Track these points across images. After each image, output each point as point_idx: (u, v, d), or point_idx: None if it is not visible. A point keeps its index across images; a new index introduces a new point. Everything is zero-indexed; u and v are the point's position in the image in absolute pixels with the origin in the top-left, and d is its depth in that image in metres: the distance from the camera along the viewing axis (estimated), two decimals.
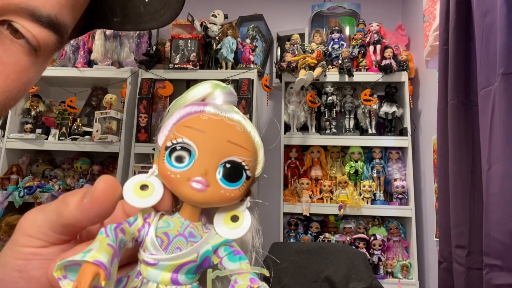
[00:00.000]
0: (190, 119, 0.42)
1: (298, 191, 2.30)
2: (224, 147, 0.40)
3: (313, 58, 2.26)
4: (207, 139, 0.40)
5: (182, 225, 0.40)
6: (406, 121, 2.27)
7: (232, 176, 0.40)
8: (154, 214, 0.40)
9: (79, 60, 2.50)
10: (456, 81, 1.30)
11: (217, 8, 2.56)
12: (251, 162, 0.41)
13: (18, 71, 0.39)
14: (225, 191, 0.39)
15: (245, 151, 0.41)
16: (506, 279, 0.97)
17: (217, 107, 0.43)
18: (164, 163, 0.40)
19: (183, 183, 0.38)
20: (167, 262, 0.38)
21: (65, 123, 2.46)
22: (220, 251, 0.40)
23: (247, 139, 0.42)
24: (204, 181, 0.38)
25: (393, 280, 2.09)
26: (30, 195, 2.25)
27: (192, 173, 0.38)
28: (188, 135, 0.40)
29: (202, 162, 0.39)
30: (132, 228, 0.39)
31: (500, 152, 1.01)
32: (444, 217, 1.35)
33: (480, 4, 1.15)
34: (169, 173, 0.39)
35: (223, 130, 0.41)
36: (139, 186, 0.40)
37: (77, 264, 0.33)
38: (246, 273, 0.37)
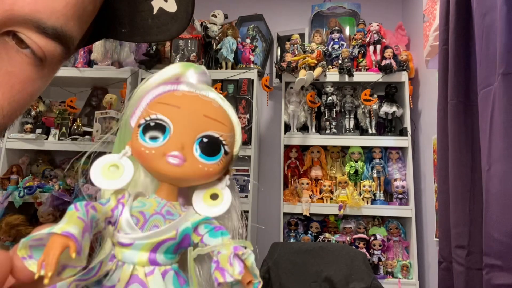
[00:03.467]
0: (164, 96, 0.40)
1: (298, 191, 2.30)
2: (201, 121, 0.38)
3: (313, 58, 2.26)
4: (182, 114, 0.38)
5: (159, 205, 0.37)
6: (406, 121, 2.27)
7: (210, 150, 0.38)
8: (128, 195, 0.38)
9: (79, 60, 2.50)
10: (456, 81, 1.30)
11: (217, 8, 2.56)
12: (229, 137, 0.39)
13: (24, 82, 0.38)
14: (203, 166, 0.37)
15: (223, 126, 0.39)
16: (506, 279, 0.97)
17: (192, 86, 0.41)
18: (138, 140, 0.38)
19: (159, 159, 0.36)
20: (144, 241, 0.35)
21: (65, 123, 2.46)
22: (200, 229, 0.38)
23: (224, 115, 0.40)
24: (181, 156, 0.36)
25: (393, 280, 2.09)
26: (30, 195, 2.25)
27: (168, 148, 0.36)
28: (162, 111, 0.38)
29: (178, 137, 0.37)
30: (105, 207, 0.36)
31: (500, 152, 1.01)
32: (444, 217, 1.35)
33: (480, 4, 1.15)
34: (143, 149, 0.37)
35: (198, 105, 0.39)
36: (108, 167, 0.38)
37: (42, 245, 0.30)
38: None
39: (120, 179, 0.38)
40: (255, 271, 0.34)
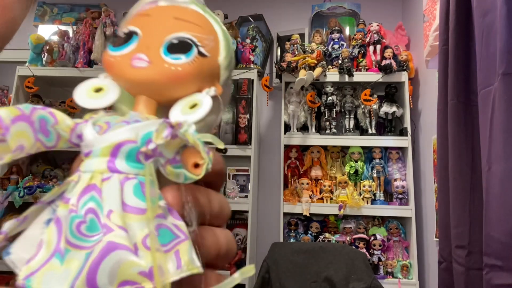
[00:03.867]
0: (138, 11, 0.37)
1: (298, 191, 2.30)
2: (171, 24, 0.35)
3: (313, 58, 2.26)
4: (151, 21, 0.36)
5: (131, 116, 0.34)
6: (406, 121, 2.27)
7: (177, 48, 0.34)
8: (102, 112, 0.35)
9: (79, 60, 2.50)
10: (456, 81, 1.30)
11: (217, 8, 2.56)
12: (206, 39, 0.35)
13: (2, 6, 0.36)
14: (170, 65, 0.33)
15: (197, 27, 0.35)
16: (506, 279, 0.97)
17: (171, 1, 0.37)
18: (106, 51, 0.35)
19: (124, 64, 0.34)
20: (101, 145, 0.32)
21: None
22: None
23: (201, 18, 0.36)
24: (144, 57, 0.33)
25: (393, 280, 2.09)
26: (30, 195, 2.25)
27: (133, 52, 0.34)
28: (133, 22, 0.36)
29: (144, 41, 0.34)
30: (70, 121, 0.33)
31: (500, 152, 1.01)
32: (444, 217, 1.35)
33: (480, 4, 1.15)
34: (109, 57, 0.34)
35: (170, 10, 0.36)
36: (93, 90, 0.36)
37: None
38: None
39: (106, 97, 0.35)
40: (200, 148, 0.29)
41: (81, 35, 2.54)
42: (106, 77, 0.36)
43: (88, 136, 0.32)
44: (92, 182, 0.31)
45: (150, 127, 0.32)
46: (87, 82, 0.36)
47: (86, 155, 0.32)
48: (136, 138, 0.31)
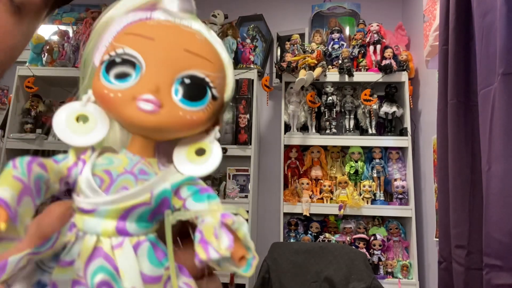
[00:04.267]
0: (133, 26, 0.31)
1: (298, 191, 2.30)
2: (181, 57, 0.30)
3: (313, 58, 2.26)
4: (157, 48, 0.30)
5: (131, 162, 0.30)
6: (406, 121, 2.27)
7: (193, 94, 0.30)
8: (91, 151, 0.30)
9: (79, 60, 2.50)
10: (456, 81, 1.30)
11: (217, 8, 2.56)
12: (217, 78, 0.31)
13: (2, 32, 0.33)
14: (185, 113, 0.29)
15: (209, 64, 0.31)
16: (506, 279, 0.97)
17: (170, 13, 0.32)
18: (100, 79, 0.29)
19: (127, 104, 0.28)
20: (109, 207, 0.28)
21: None
22: (182, 191, 0.30)
23: (211, 50, 0.32)
24: (155, 100, 0.28)
25: (393, 280, 2.09)
26: None
27: (138, 90, 0.28)
28: (131, 43, 0.30)
29: (151, 76, 0.29)
30: (60, 166, 0.29)
31: (500, 152, 1.01)
32: (444, 217, 1.35)
33: (480, 4, 1.15)
34: (107, 91, 0.29)
35: (178, 37, 0.31)
36: (75, 118, 0.30)
37: None
38: None
39: (93, 133, 0.30)
40: (249, 244, 0.28)
41: (81, 35, 2.55)
42: (89, 101, 0.31)
43: (87, 191, 0.28)
44: (98, 246, 0.28)
45: (164, 184, 0.29)
46: (67, 107, 0.31)
47: (86, 212, 0.28)
48: (149, 200, 0.28)
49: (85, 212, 0.28)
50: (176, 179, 0.30)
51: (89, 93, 0.31)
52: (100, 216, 0.28)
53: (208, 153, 0.32)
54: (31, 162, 0.27)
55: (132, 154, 0.30)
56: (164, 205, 0.29)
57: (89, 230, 0.28)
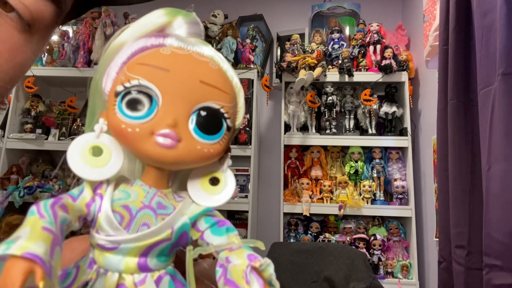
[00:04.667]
0: (147, 55, 0.31)
1: (298, 191, 2.29)
2: (197, 89, 0.30)
3: (313, 58, 2.26)
4: (173, 80, 0.29)
5: (147, 195, 0.30)
6: (406, 121, 2.27)
7: (210, 127, 0.30)
8: (106, 184, 0.30)
9: (79, 60, 2.50)
10: (456, 81, 1.30)
11: (217, 8, 2.56)
12: (231, 108, 0.31)
13: (11, 49, 0.33)
14: (203, 147, 0.29)
15: (223, 95, 0.31)
16: (506, 279, 0.97)
17: (182, 40, 0.32)
18: (116, 113, 0.29)
19: (145, 139, 0.28)
20: (131, 244, 0.27)
21: (65, 123, 2.46)
22: (200, 224, 0.30)
23: (224, 79, 0.32)
24: (173, 135, 0.28)
25: (393, 280, 2.09)
26: (30, 195, 2.25)
27: (156, 125, 0.28)
28: (147, 75, 0.29)
29: (168, 110, 0.29)
30: (78, 203, 0.29)
31: (500, 152, 1.01)
32: (444, 217, 1.35)
33: (480, 4, 1.15)
34: (124, 126, 0.28)
35: (193, 68, 0.31)
36: (89, 150, 0.30)
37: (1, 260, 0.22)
38: (238, 248, 0.28)
39: (108, 165, 0.30)
40: (274, 284, 0.29)
41: (81, 35, 2.54)
42: (102, 131, 0.31)
43: (108, 228, 0.28)
44: (121, 283, 0.27)
45: (182, 217, 0.29)
46: (81, 140, 0.30)
47: (107, 249, 0.28)
48: (169, 236, 0.28)
49: (105, 249, 0.28)
50: (194, 212, 0.30)
51: (101, 123, 0.31)
52: (122, 253, 0.28)
53: (223, 182, 0.32)
54: (54, 205, 0.26)
55: (148, 186, 0.30)
56: (183, 239, 0.30)
57: (110, 267, 0.28)
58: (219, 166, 0.33)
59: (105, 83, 0.32)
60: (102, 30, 2.48)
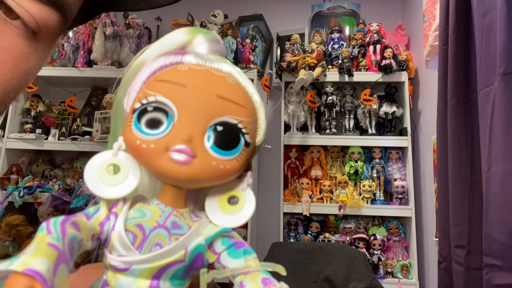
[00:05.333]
0: (165, 72, 0.31)
1: (298, 191, 2.29)
2: (213, 104, 0.29)
3: (313, 58, 2.26)
4: (189, 95, 0.29)
5: (163, 214, 0.29)
6: (406, 121, 2.27)
7: (226, 142, 0.29)
8: (123, 202, 0.29)
9: (79, 60, 2.50)
10: (456, 81, 1.30)
11: (217, 8, 2.56)
12: (250, 123, 0.30)
13: (16, 58, 0.32)
14: (218, 163, 0.28)
15: (241, 109, 0.30)
16: (506, 279, 0.97)
17: (200, 56, 0.32)
18: (132, 129, 0.29)
19: (160, 155, 0.28)
20: (143, 266, 0.27)
21: (65, 123, 2.46)
22: (216, 245, 0.29)
23: (243, 94, 0.31)
24: (188, 151, 0.28)
25: (393, 280, 2.09)
26: (30, 195, 2.25)
27: (171, 141, 0.28)
28: (163, 91, 0.29)
29: (184, 125, 0.28)
30: (92, 222, 0.28)
31: (500, 152, 1.01)
32: (444, 217, 1.35)
33: (480, 4, 1.15)
34: (139, 142, 0.28)
35: (209, 83, 0.30)
36: (106, 168, 0.30)
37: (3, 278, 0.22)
38: (255, 272, 0.27)
39: (125, 183, 0.29)
40: None
41: (81, 35, 2.54)
42: (120, 149, 0.30)
43: (120, 248, 0.27)
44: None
45: (197, 238, 0.28)
46: (98, 158, 0.30)
47: (119, 270, 0.27)
48: (183, 257, 0.27)
49: (118, 271, 0.27)
50: (210, 233, 0.29)
51: (120, 141, 0.30)
52: (134, 275, 0.27)
53: (242, 202, 0.31)
54: (64, 222, 0.26)
55: (164, 205, 0.30)
56: (198, 261, 0.29)
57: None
58: (238, 184, 0.32)
59: (126, 103, 0.32)
60: (102, 30, 2.48)
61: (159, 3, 0.42)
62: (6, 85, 0.32)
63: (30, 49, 0.33)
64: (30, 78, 0.36)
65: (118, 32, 2.50)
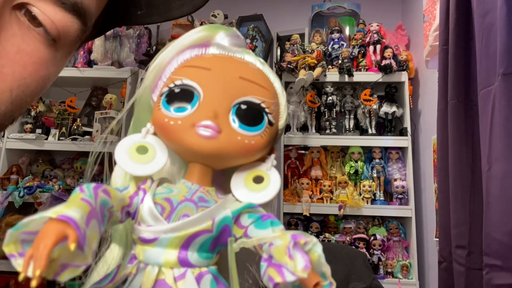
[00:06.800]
0: (190, 60, 0.33)
1: (298, 191, 2.29)
2: (237, 84, 0.31)
3: (313, 58, 2.26)
4: (213, 77, 0.31)
5: (189, 190, 0.30)
6: (406, 121, 2.27)
7: (250, 118, 0.30)
8: (151, 181, 0.31)
9: (79, 60, 2.50)
10: (456, 81, 1.30)
11: (217, 8, 2.56)
12: (273, 105, 0.31)
13: (36, 63, 0.33)
14: (243, 138, 0.30)
15: (264, 90, 0.31)
16: (506, 279, 0.97)
17: (223, 48, 0.34)
18: (160, 109, 0.30)
19: (187, 131, 0.29)
20: (171, 234, 0.27)
21: (65, 123, 2.46)
22: (243, 219, 0.29)
23: (265, 78, 0.33)
24: (214, 126, 0.29)
25: (393, 280, 2.09)
26: (30, 195, 2.25)
27: (197, 117, 0.29)
28: (189, 75, 0.31)
29: (209, 103, 0.30)
30: (122, 194, 0.29)
31: (500, 152, 1.01)
32: (444, 217, 1.35)
33: (480, 4, 1.15)
34: (167, 120, 0.30)
35: (232, 66, 0.32)
36: (135, 149, 0.31)
37: (35, 233, 0.22)
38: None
39: (153, 162, 0.30)
40: (323, 268, 0.27)
41: None
42: (148, 133, 0.32)
43: (149, 219, 0.28)
44: (161, 278, 0.27)
45: (224, 211, 0.28)
46: (128, 139, 0.32)
47: (147, 241, 0.27)
48: (210, 227, 0.28)
49: (146, 242, 0.28)
50: (236, 207, 0.30)
51: (148, 126, 0.32)
52: (162, 245, 0.27)
53: (267, 180, 0.32)
54: (97, 187, 0.27)
55: (190, 183, 0.30)
56: (225, 234, 0.29)
57: (150, 261, 0.27)
58: (263, 165, 0.32)
59: (155, 94, 0.33)
60: None
61: (172, 15, 0.44)
62: (24, 89, 0.33)
63: (50, 56, 0.34)
64: (47, 86, 0.36)
65: (118, 32, 2.50)
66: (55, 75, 0.37)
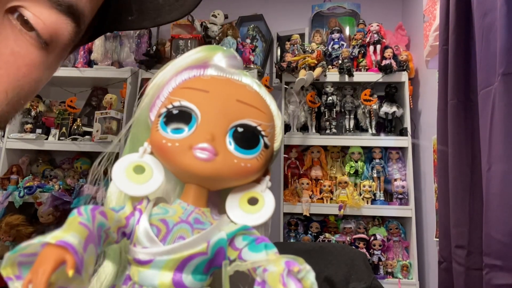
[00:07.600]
0: (189, 81, 0.33)
1: (298, 191, 2.29)
2: (234, 107, 0.31)
3: (313, 58, 2.26)
4: (211, 99, 0.31)
5: (185, 211, 0.30)
6: (406, 121, 2.27)
7: (247, 141, 0.30)
8: (147, 201, 0.31)
9: (79, 60, 2.50)
10: (456, 81, 1.30)
11: (217, 8, 2.56)
12: (268, 127, 0.32)
13: (30, 65, 0.34)
14: (240, 160, 0.30)
15: (260, 113, 0.32)
16: (506, 279, 0.97)
17: (221, 69, 0.34)
18: (158, 130, 0.31)
19: (184, 153, 0.29)
20: (166, 257, 0.27)
21: (65, 123, 2.46)
22: (237, 242, 0.30)
23: (261, 101, 0.34)
24: (211, 148, 0.29)
25: (393, 280, 2.09)
26: (30, 195, 2.25)
27: (195, 140, 0.30)
28: (187, 96, 0.31)
29: (207, 125, 0.30)
30: (118, 214, 0.29)
31: (500, 152, 1.01)
32: (444, 217, 1.35)
33: (480, 4, 1.15)
34: (165, 141, 0.30)
35: (230, 89, 0.32)
36: (132, 168, 0.31)
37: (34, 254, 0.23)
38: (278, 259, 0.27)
39: (150, 182, 0.31)
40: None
41: None
42: (145, 153, 0.32)
43: (144, 240, 0.28)
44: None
45: (219, 233, 0.29)
46: (125, 159, 0.32)
47: (142, 263, 0.28)
48: (205, 249, 0.28)
49: (141, 264, 0.28)
50: (231, 229, 0.30)
51: (145, 145, 0.32)
52: (157, 267, 0.27)
53: (261, 202, 0.32)
54: (94, 209, 0.27)
55: (186, 204, 0.31)
56: (220, 256, 0.29)
57: (145, 283, 0.28)
58: (257, 186, 0.33)
59: (153, 113, 0.34)
60: None
61: (162, 20, 0.44)
62: (19, 91, 0.34)
63: (42, 59, 0.35)
64: (39, 88, 0.37)
65: (118, 32, 2.50)
66: (47, 78, 0.37)
